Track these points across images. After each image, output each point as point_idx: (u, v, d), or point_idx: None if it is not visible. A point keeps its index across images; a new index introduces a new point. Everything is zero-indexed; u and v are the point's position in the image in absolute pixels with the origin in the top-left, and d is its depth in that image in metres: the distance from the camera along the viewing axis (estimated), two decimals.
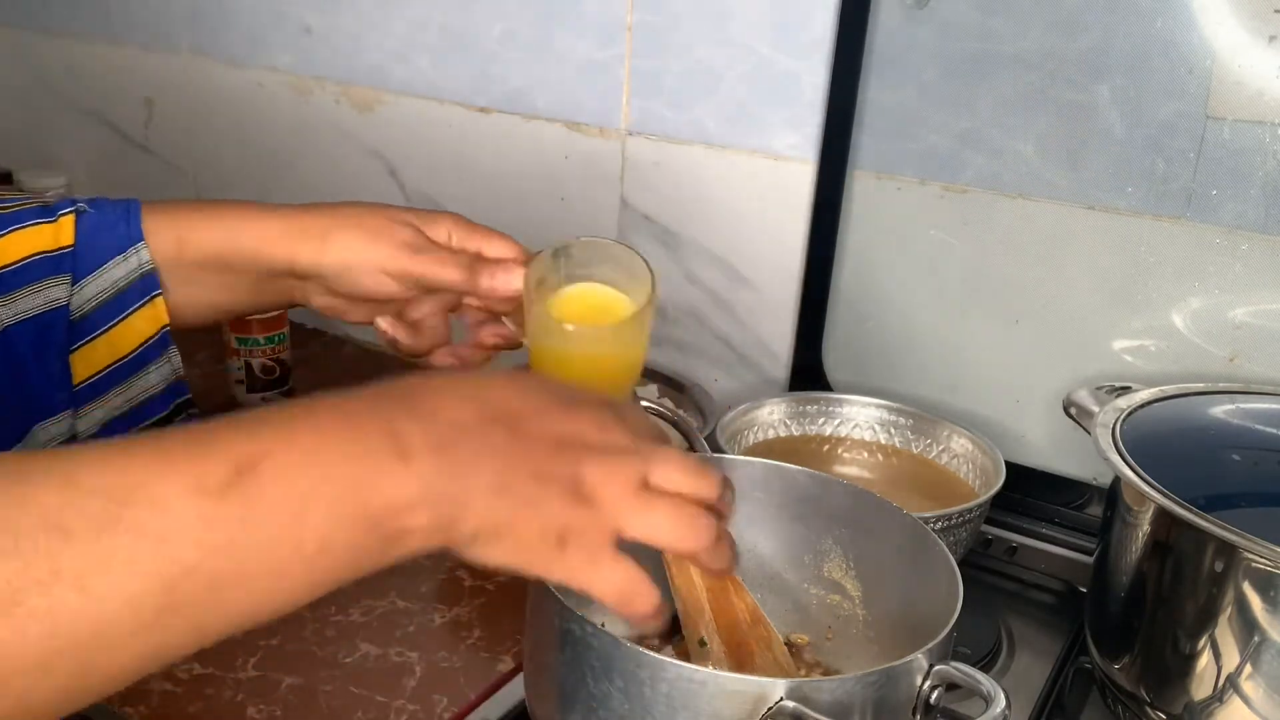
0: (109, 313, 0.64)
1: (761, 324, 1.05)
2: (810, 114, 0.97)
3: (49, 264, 0.63)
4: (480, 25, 1.13)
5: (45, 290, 0.63)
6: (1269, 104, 0.81)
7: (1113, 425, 0.74)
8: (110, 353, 0.65)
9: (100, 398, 0.64)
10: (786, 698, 0.51)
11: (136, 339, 0.65)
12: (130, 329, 0.65)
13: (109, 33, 1.41)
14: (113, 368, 0.65)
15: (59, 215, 0.64)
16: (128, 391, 0.65)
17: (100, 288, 0.64)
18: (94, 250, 0.64)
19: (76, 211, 0.65)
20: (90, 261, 0.64)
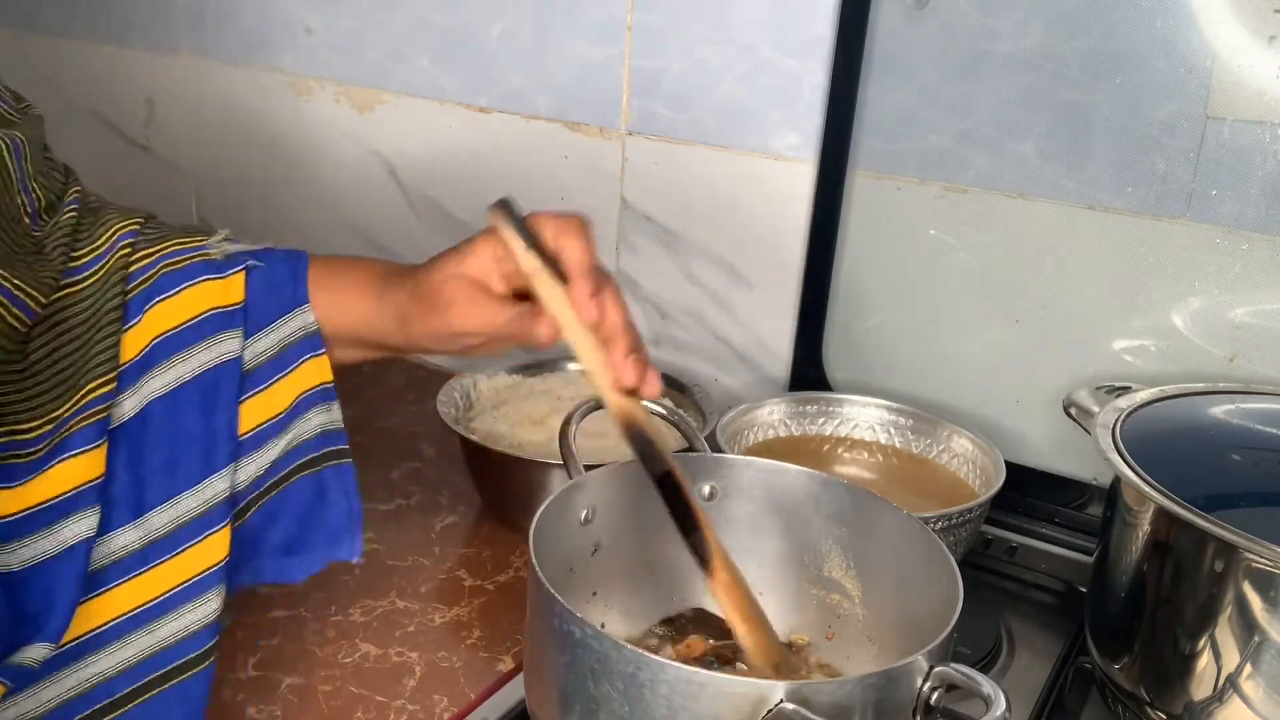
0: (275, 368, 0.68)
1: (761, 324, 1.05)
2: (810, 114, 0.97)
3: (222, 319, 0.66)
4: (480, 25, 1.13)
5: (220, 344, 0.66)
6: (1269, 104, 0.81)
7: (1113, 425, 0.74)
8: (276, 404, 0.68)
9: (264, 445, 0.67)
10: (786, 699, 0.51)
11: (300, 388, 0.69)
12: (296, 381, 0.68)
13: (109, 33, 1.41)
14: (278, 419, 0.68)
15: (229, 274, 0.67)
16: (288, 435, 0.68)
17: (270, 343, 0.67)
18: (263, 307, 0.68)
19: (247, 269, 0.67)
20: (260, 318, 0.67)
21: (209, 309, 0.66)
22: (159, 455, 0.63)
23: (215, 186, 1.40)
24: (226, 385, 0.65)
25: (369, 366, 1.25)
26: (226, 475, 0.65)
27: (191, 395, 0.64)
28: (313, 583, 0.84)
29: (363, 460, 1.03)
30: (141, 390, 0.64)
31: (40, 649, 0.58)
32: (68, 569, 0.59)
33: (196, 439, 0.64)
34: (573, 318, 0.62)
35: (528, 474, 0.89)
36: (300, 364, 0.68)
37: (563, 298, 0.62)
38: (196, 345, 0.65)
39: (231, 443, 0.65)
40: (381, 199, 1.25)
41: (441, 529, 0.94)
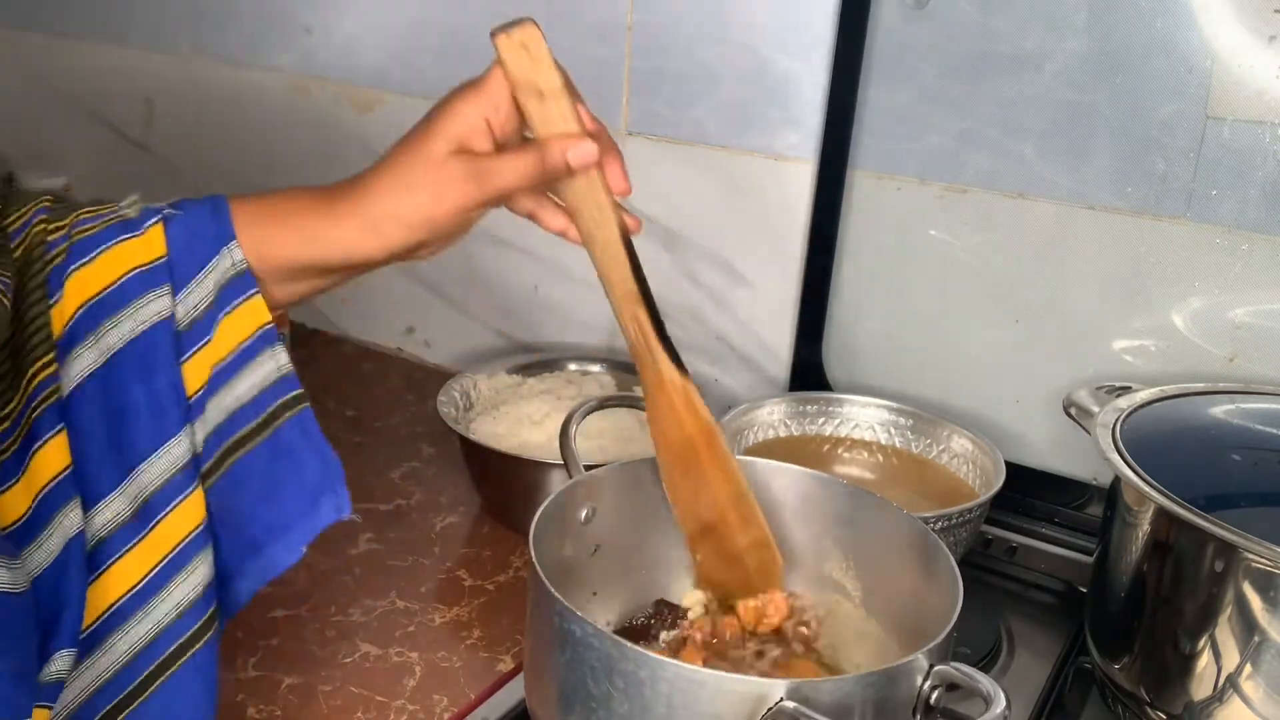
0: (212, 317, 0.62)
1: (761, 324, 1.05)
2: (810, 114, 0.97)
3: (146, 278, 0.61)
4: (480, 25, 1.12)
5: (147, 305, 0.61)
6: (1269, 104, 0.81)
7: (1113, 425, 0.74)
8: (217, 354, 0.62)
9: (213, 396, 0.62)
10: (786, 698, 0.51)
11: (235, 340, 0.62)
12: (231, 329, 0.62)
13: (109, 33, 1.42)
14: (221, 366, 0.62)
15: (145, 227, 0.62)
16: (224, 400, 0.62)
17: (203, 293, 0.62)
18: (191, 255, 0.62)
19: (164, 219, 0.62)
20: (189, 267, 0.62)
21: (130, 269, 0.61)
22: (103, 434, 0.59)
23: (215, 186, 1.39)
24: (162, 347, 0.61)
25: (369, 365, 1.26)
26: (182, 439, 0.60)
27: (127, 364, 0.60)
28: (313, 582, 0.85)
29: (363, 460, 1.04)
30: (72, 368, 0.60)
31: (62, 657, 0.56)
32: (71, 562, 0.58)
33: (141, 409, 0.60)
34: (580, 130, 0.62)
35: (528, 474, 0.89)
36: (237, 306, 0.62)
37: (575, 113, 0.62)
38: (122, 310, 0.60)
39: (179, 405, 0.61)
40: None
41: (441, 529, 0.94)
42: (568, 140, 0.61)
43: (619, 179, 0.64)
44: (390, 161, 0.62)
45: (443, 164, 0.61)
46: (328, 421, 0.66)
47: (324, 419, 0.65)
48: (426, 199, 0.61)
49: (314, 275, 0.64)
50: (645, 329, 0.66)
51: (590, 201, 0.63)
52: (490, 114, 0.62)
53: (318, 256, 0.62)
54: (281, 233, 0.62)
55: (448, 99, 0.63)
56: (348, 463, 0.65)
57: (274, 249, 0.62)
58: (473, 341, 1.23)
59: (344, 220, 0.61)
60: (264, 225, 0.62)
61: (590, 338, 1.15)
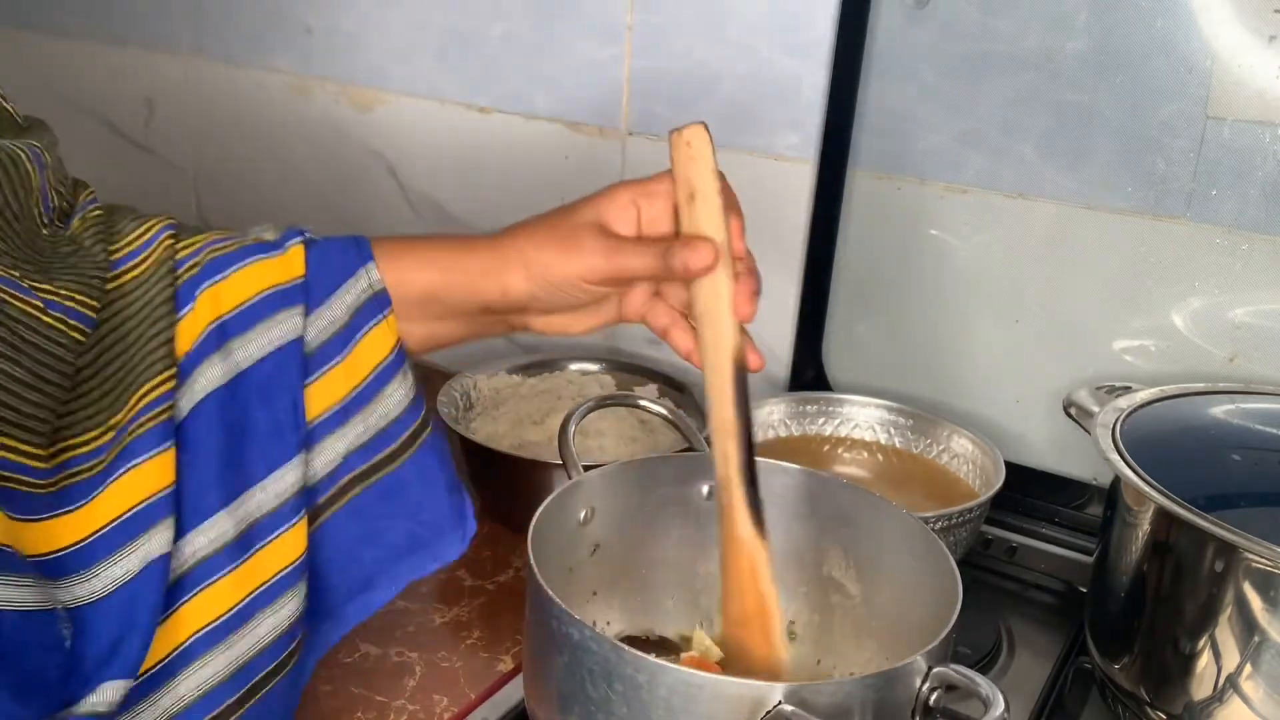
0: (344, 339, 0.62)
1: (761, 324, 1.04)
2: (810, 114, 0.97)
3: (281, 297, 0.60)
4: (480, 25, 1.13)
5: (280, 324, 0.60)
6: (1269, 104, 0.81)
7: (1113, 425, 0.74)
8: (347, 380, 0.62)
9: (340, 429, 0.61)
10: (784, 701, 0.51)
11: (373, 361, 0.62)
12: (366, 351, 0.62)
13: (109, 33, 1.41)
14: (351, 396, 0.62)
15: (287, 247, 0.62)
16: (368, 419, 0.62)
17: (334, 314, 0.61)
18: (326, 276, 0.62)
19: (305, 242, 0.62)
20: (323, 289, 0.62)
21: (266, 288, 0.60)
22: (220, 454, 0.58)
23: (215, 186, 1.40)
24: (289, 368, 0.60)
25: None
26: (296, 466, 0.59)
27: (251, 384, 0.59)
28: None
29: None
30: (196, 384, 0.58)
31: (112, 688, 0.52)
32: (145, 591, 0.54)
33: (259, 431, 0.59)
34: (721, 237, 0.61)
35: (528, 474, 0.89)
36: (369, 330, 0.62)
37: (722, 222, 0.61)
38: (253, 329, 0.60)
39: (298, 431, 0.60)
40: (382, 199, 1.25)
41: None
42: (694, 240, 0.60)
43: (745, 301, 0.61)
44: (542, 217, 0.65)
45: (580, 228, 0.62)
46: None
47: None
48: (554, 252, 0.62)
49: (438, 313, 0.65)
50: (732, 469, 0.62)
51: (711, 317, 0.61)
52: (642, 201, 0.63)
53: (443, 288, 0.64)
54: (417, 262, 0.64)
55: (612, 185, 0.64)
56: None
57: (409, 277, 0.63)
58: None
59: (475, 253, 0.64)
60: (403, 254, 0.64)
61: (590, 337, 1.15)
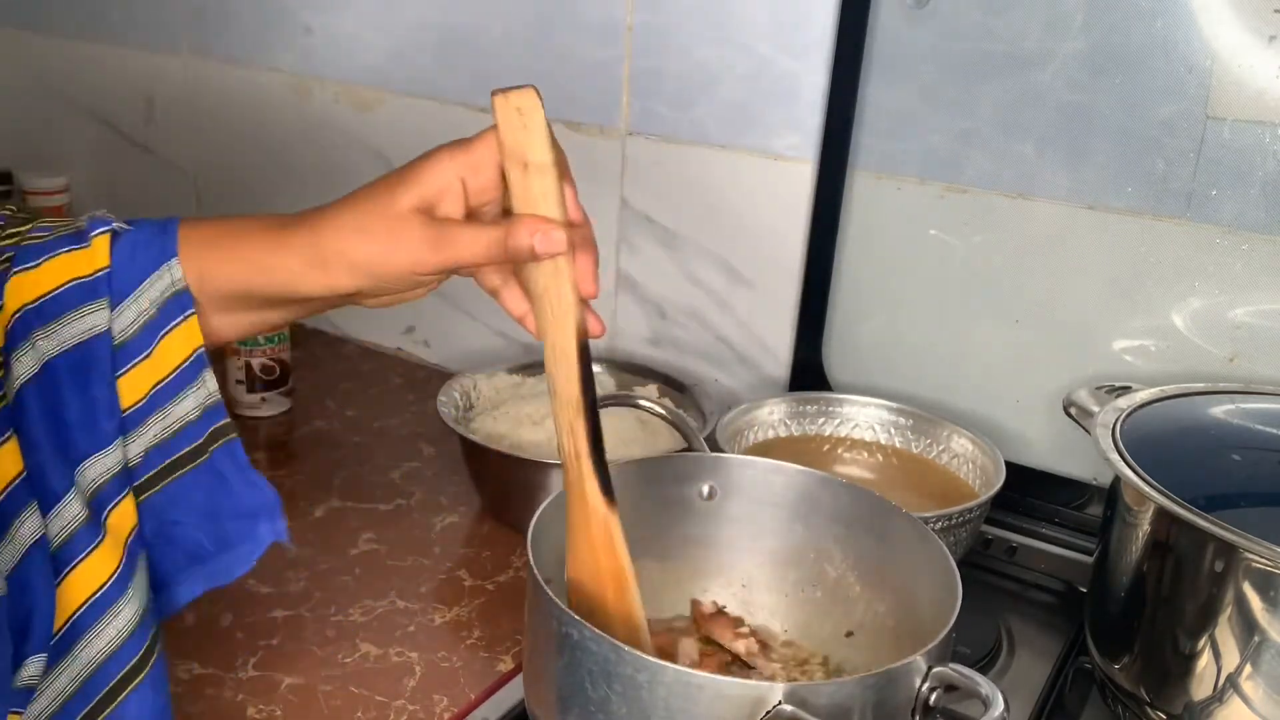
0: (151, 333, 0.61)
1: (761, 324, 1.05)
2: (810, 114, 0.97)
3: (85, 290, 0.59)
4: (480, 25, 1.13)
5: (85, 317, 0.59)
6: (1269, 104, 0.81)
7: (1113, 425, 0.74)
8: (152, 375, 0.61)
9: (141, 425, 0.61)
10: (784, 701, 0.51)
11: (173, 361, 0.61)
12: (169, 349, 0.61)
13: (109, 33, 1.41)
14: (153, 392, 0.61)
15: (91, 238, 0.60)
16: (165, 419, 0.61)
17: (140, 308, 0.60)
18: (133, 270, 0.60)
19: (112, 232, 0.61)
20: (129, 282, 0.60)
21: (71, 279, 0.59)
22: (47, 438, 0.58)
23: (215, 186, 1.40)
24: (98, 360, 0.59)
25: (369, 365, 1.26)
26: (116, 449, 0.59)
27: (62, 374, 0.59)
28: (313, 582, 0.85)
29: (363, 460, 1.04)
30: (13, 373, 0.58)
31: (34, 664, 0.56)
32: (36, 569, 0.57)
33: (76, 419, 0.59)
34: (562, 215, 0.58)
35: (528, 474, 0.89)
36: (170, 329, 0.61)
37: (560, 196, 0.58)
38: (58, 320, 0.59)
39: (114, 418, 0.59)
40: None
41: (441, 529, 0.94)
42: (539, 223, 0.57)
43: (589, 280, 0.59)
44: (353, 200, 0.60)
45: (403, 218, 0.58)
46: (328, 421, 0.66)
47: (324, 419, 0.63)
48: (378, 249, 0.58)
49: (255, 306, 0.62)
50: (580, 443, 0.60)
51: (552, 294, 0.59)
52: (468, 175, 0.59)
53: (258, 285, 0.61)
54: (225, 258, 0.61)
55: (431, 151, 0.60)
56: (348, 462, 0.64)
57: (215, 273, 0.60)
58: (473, 341, 1.23)
59: (291, 252, 0.60)
60: (209, 248, 0.61)
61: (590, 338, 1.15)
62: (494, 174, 0.59)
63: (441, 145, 0.60)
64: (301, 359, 1.18)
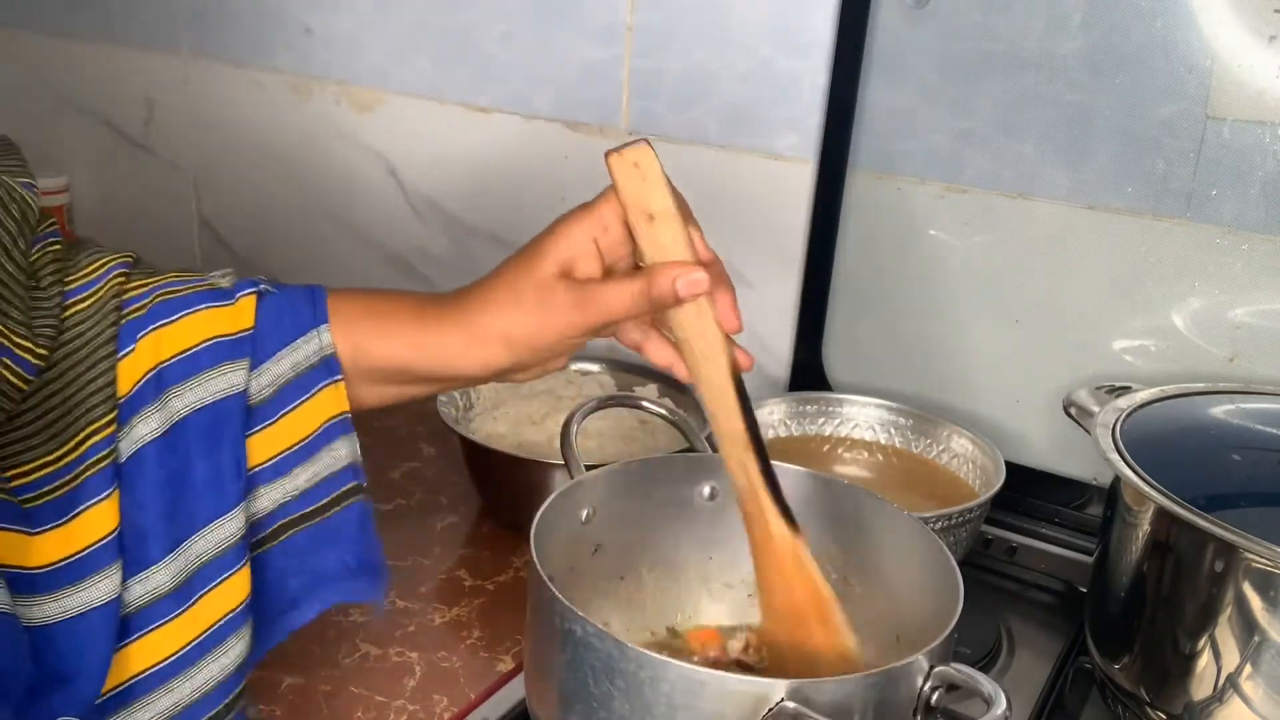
0: (289, 396, 0.60)
1: (761, 324, 1.05)
2: (810, 114, 0.97)
3: (226, 348, 0.59)
4: (480, 25, 1.13)
5: (223, 376, 0.59)
6: (1269, 104, 0.81)
7: (1113, 425, 0.74)
8: (292, 434, 0.61)
9: (280, 479, 0.60)
10: (787, 698, 0.51)
11: (319, 419, 0.61)
12: (312, 410, 0.61)
13: (109, 33, 1.41)
14: (292, 450, 0.61)
15: (238, 297, 0.60)
16: (311, 468, 0.61)
17: (280, 370, 0.60)
18: (276, 332, 0.60)
19: (258, 294, 0.61)
20: (272, 345, 0.60)
21: (212, 337, 0.59)
22: (159, 502, 0.57)
23: (215, 186, 1.40)
24: (231, 421, 0.59)
25: None
26: (236, 516, 0.58)
27: (192, 435, 0.58)
28: None
29: (363, 460, 1.04)
30: (135, 431, 0.58)
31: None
32: (94, 633, 0.55)
33: (200, 482, 0.58)
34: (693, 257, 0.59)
35: (528, 474, 0.89)
36: (318, 391, 0.61)
37: (688, 239, 0.59)
38: (194, 378, 0.59)
39: (239, 480, 0.59)
40: (381, 199, 1.25)
41: (441, 529, 0.94)
42: (677, 268, 0.58)
43: (730, 314, 0.59)
44: (499, 278, 0.61)
45: (550, 287, 0.59)
46: None
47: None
48: (533, 321, 0.59)
49: (408, 382, 0.63)
50: (753, 477, 0.61)
51: (698, 335, 0.59)
52: (599, 235, 0.60)
53: (417, 364, 0.61)
54: (381, 334, 0.61)
55: (559, 220, 0.61)
56: None
57: (371, 348, 0.61)
58: None
59: (449, 331, 0.61)
60: (363, 322, 0.62)
61: None
62: (621, 230, 0.60)
63: (565, 214, 0.61)
64: None
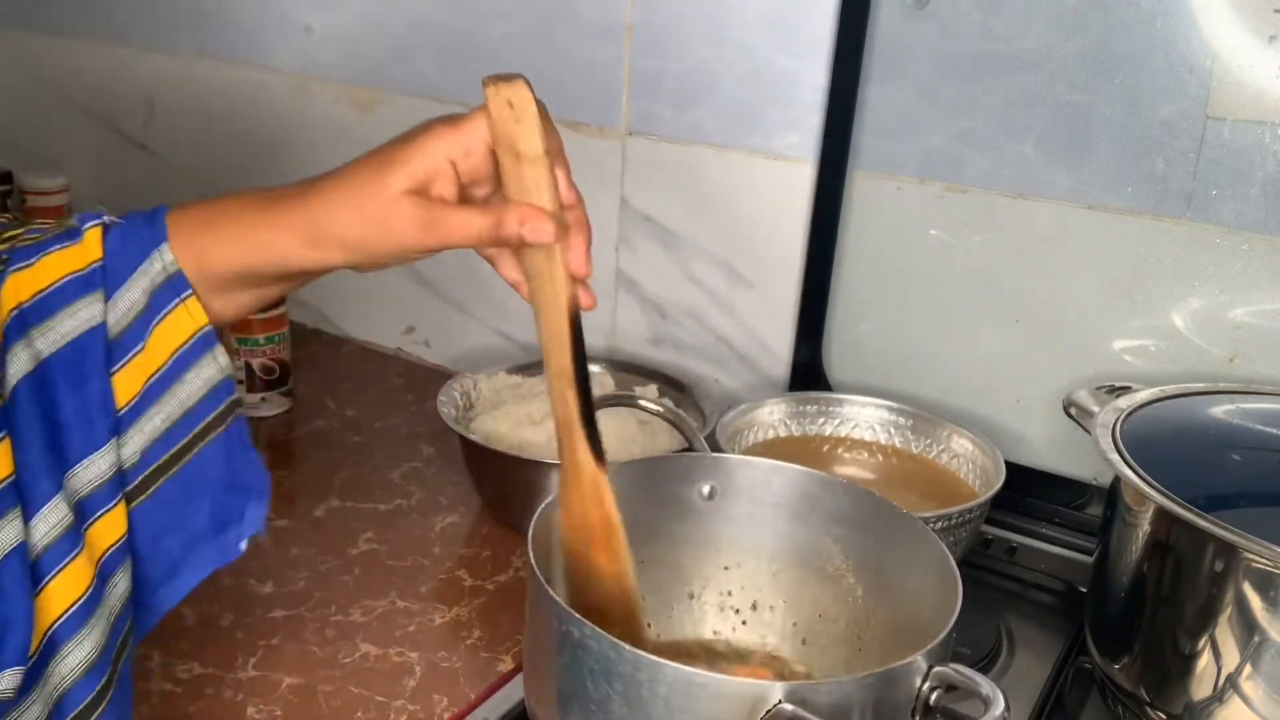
0: (144, 324, 0.60)
1: (761, 324, 1.05)
2: (810, 114, 0.97)
3: (80, 283, 0.59)
4: (480, 25, 1.13)
5: (79, 311, 0.59)
6: (1269, 104, 0.81)
7: (1113, 425, 0.74)
8: (146, 368, 0.60)
9: (139, 419, 0.60)
10: (785, 700, 0.51)
11: (171, 347, 0.61)
12: (163, 337, 0.60)
13: (109, 33, 1.42)
14: (149, 384, 0.60)
15: (83, 231, 0.60)
16: (166, 407, 0.61)
17: (134, 297, 0.60)
18: (123, 259, 0.60)
19: (103, 225, 0.61)
20: (122, 273, 0.60)
21: (65, 274, 0.59)
22: (40, 442, 0.57)
23: (215, 187, 1.39)
24: (92, 355, 0.59)
25: (369, 365, 1.26)
26: (109, 451, 0.59)
27: (58, 371, 0.58)
28: (313, 582, 0.85)
29: (363, 460, 1.04)
30: (7, 373, 0.57)
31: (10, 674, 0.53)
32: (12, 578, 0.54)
33: (70, 420, 0.58)
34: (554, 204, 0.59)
35: (528, 474, 0.89)
36: (166, 314, 0.60)
37: (552, 185, 0.59)
38: (53, 316, 0.58)
39: (108, 416, 0.59)
40: None
41: (441, 529, 0.94)
42: (528, 212, 0.58)
43: (580, 261, 0.61)
44: (345, 178, 0.61)
45: (395, 201, 0.59)
46: (328, 421, 0.66)
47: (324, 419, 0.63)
48: (372, 229, 0.59)
49: (252, 284, 0.63)
50: (571, 411, 0.63)
51: (545, 275, 0.61)
52: (459, 157, 0.59)
53: (255, 264, 0.61)
54: (220, 239, 0.61)
55: (421, 129, 0.60)
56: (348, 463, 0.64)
57: (212, 255, 0.61)
58: (473, 341, 1.23)
59: (285, 230, 0.60)
60: (202, 232, 0.61)
61: (590, 338, 1.15)
62: (485, 156, 0.60)
63: (432, 122, 0.60)
64: (301, 359, 1.18)
